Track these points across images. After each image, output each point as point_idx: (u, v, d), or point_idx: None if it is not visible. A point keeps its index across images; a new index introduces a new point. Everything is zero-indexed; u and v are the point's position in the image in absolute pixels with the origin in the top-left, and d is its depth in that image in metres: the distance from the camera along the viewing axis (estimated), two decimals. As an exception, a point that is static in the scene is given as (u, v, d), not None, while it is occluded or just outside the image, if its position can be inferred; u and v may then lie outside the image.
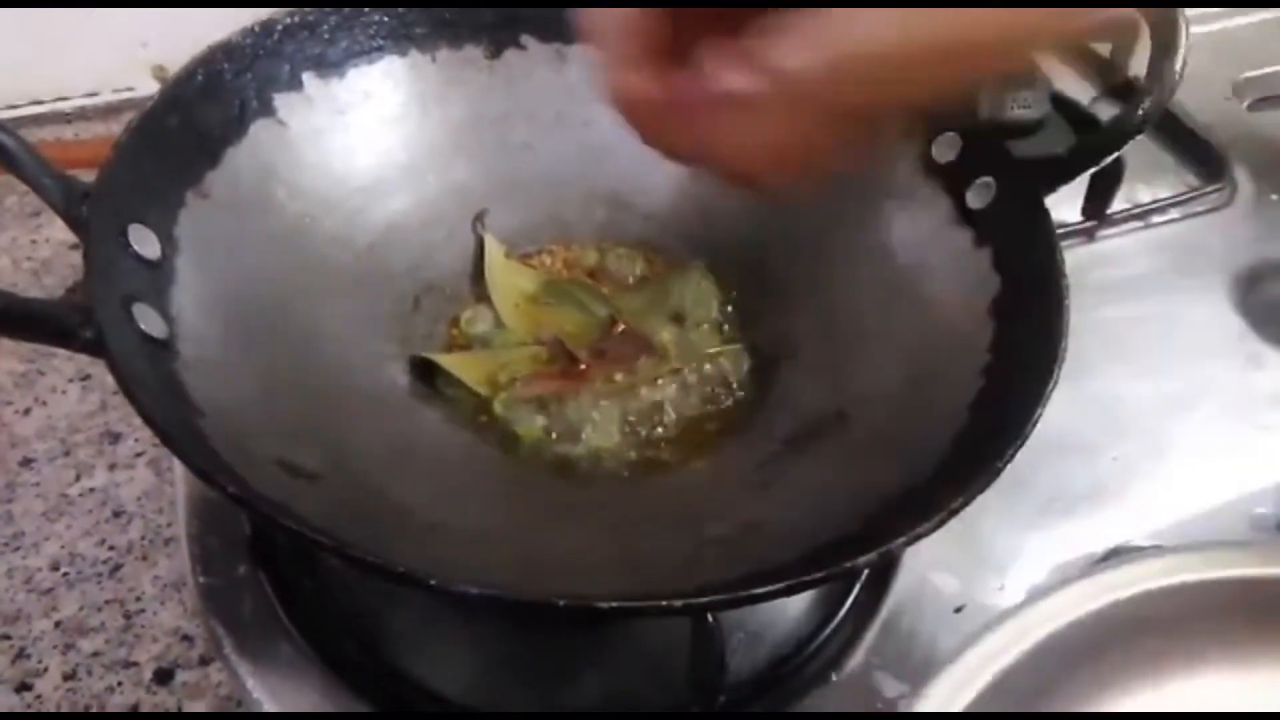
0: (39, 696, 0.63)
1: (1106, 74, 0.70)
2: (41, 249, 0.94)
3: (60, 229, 0.94)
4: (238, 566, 0.41)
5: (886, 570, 0.42)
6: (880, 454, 0.39)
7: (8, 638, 0.66)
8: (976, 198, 0.43)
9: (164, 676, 0.64)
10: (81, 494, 0.74)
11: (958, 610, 0.42)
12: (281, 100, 0.43)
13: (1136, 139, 0.40)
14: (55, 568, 0.70)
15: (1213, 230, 0.61)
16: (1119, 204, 0.59)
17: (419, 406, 0.42)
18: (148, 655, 0.65)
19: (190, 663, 0.64)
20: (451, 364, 0.43)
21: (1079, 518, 0.46)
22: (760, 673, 0.40)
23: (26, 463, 0.76)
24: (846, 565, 0.29)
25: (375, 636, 0.40)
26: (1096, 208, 0.59)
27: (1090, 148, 0.41)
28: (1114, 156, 0.41)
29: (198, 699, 0.63)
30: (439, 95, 0.48)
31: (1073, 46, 0.71)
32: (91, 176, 0.34)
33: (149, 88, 0.35)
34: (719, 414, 0.44)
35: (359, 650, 0.39)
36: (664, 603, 0.28)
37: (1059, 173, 0.41)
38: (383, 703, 0.38)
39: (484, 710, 0.38)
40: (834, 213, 0.47)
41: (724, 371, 0.46)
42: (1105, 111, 0.65)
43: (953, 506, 0.30)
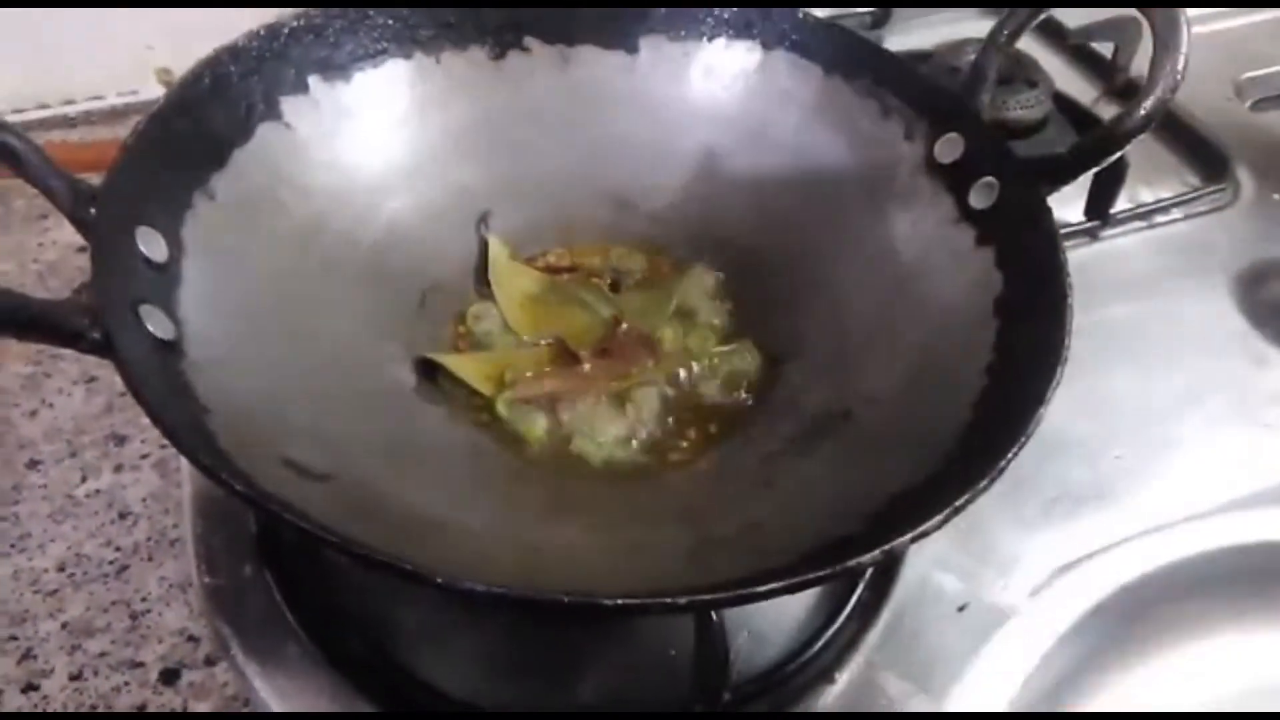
0: (45, 697, 0.63)
1: (1108, 74, 0.70)
2: (48, 251, 0.94)
3: (67, 232, 0.95)
4: (243, 567, 0.41)
5: (890, 569, 0.42)
6: (884, 453, 0.39)
7: (14, 639, 0.66)
8: (979, 197, 0.43)
9: (170, 676, 0.64)
10: (88, 495, 0.74)
11: (961, 609, 0.42)
12: (288, 103, 0.43)
13: (1139, 139, 0.40)
14: (61, 569, 0.70)
15: (1215, 230, 0.61)
16: (1121, 204, 0.59)
17: (424, 406, 0.42)
18: (154, 655, 0.65)
19: (196, 663, 0.65)
20: (455, 364, 0.44)
21: (1082, 517, 0.46)
22: (764, 671, 0.40)
23: (33, 464, 0.76)
24: (850, 563, 0.29)
25: (381, 636, 0.40)
26: (1099, 207, 0.59)
27: (1093, 147, 0.41)
28: (1116, 156, 0.40)
29: (204, 699, 0.63)
30: (443, 97, 0.48)
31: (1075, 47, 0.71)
32: (97, 179, 0.35)
33: (154, 91, 0.35)
34: (723, 413, 0.45)
35: (365, 649, 0.39)
36: (668, 600, 0.28)
37: (1061, 172, 0.41)
38: (389, 702, 0.38)
39: (489, 709, 0.38)
40: (838, 213, 0.47)
41: (728, 371, 0.46)
42: (1107, 112, 0.65)
43: (956, 505, 0.30)
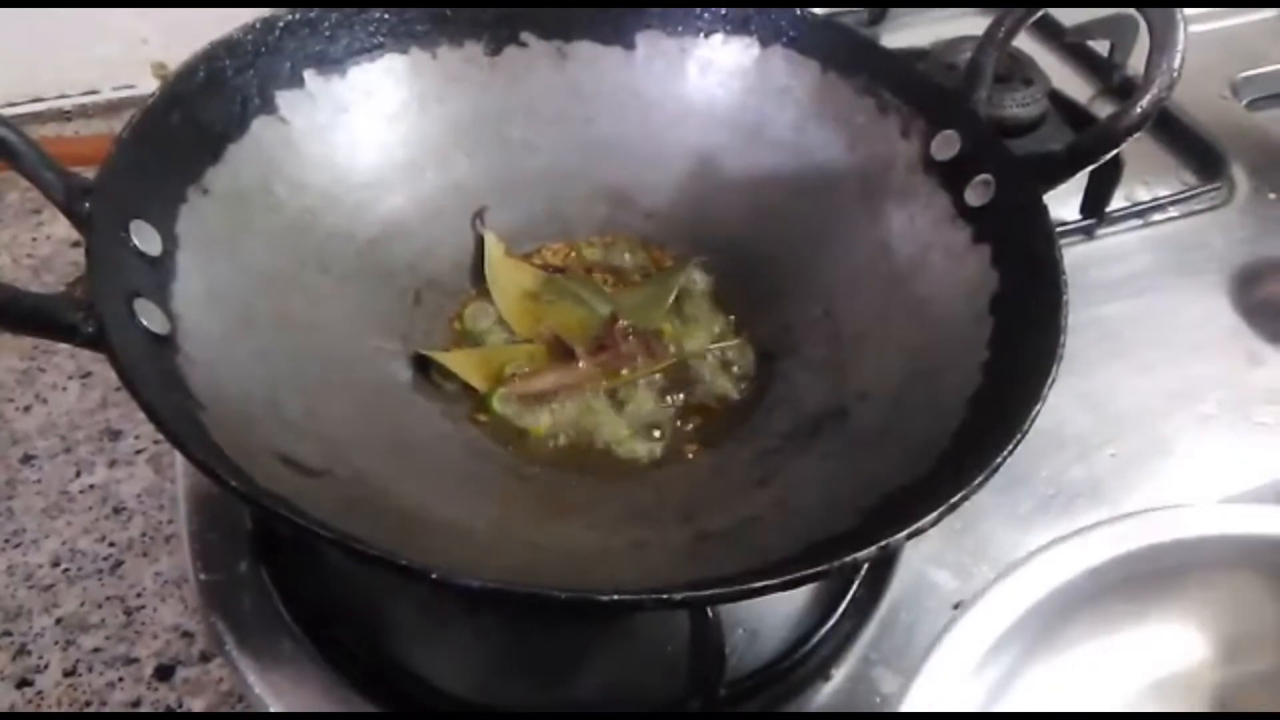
0: (40, 693, 0.63)
1: (1105, 72, 0.70)
2: (42, 246, 0.94)
3: (61, 226, 0.94)
4: (238, 563, 0.41)
5: (885, 566, 0.43)
6: (880, 449, 0.39)
7: (9, 634, 0.66)
8: (975, 195, 0.43)
9: (165, 673, 0.64)
10: (82, 490, 0.74)
11: (956, 606, 0.42)
12: (283, 97, 0.43)
13: (1135, 137, 0.40)
14: (56, 564, 0.70)
15: (1211, 228, 0.61)
16: (1117, 202, 0.60)
17: (420, 402, 0.42)
18: (148, 651, 0.65)
19: (191, 659, 0.64)
20: (450, 360, 0.44)
21: (1077, 514, 0.46)
22: (760, 667, 0.40)
23: (27, 459, 0.76)
24: (846, 559, 0.29)
25: (376, 631, 0.40)
26: (1095, 206, 0.59)
27: (1089, 145, 0.41)
28: (1113, 154, 0.40)
29: (198, 695, 0.63)
30: (439, 92, 0.48)
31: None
32: (92, 173, 0.34)
33: (149, 85, 0.35)
34: (719, 409, 0.45)
35: (360, 645, 0.39)
36: (663, 596, 0.28)
37: (1058, 169, 0.41)
38: (384, 698, 0.38)
39: (485, 706, 0.38)
40: (834, 210, 0.47)
41: (724, 367, 0.46)
42: (1104, 110, 0.65)
43: (952, 501, 0.30)
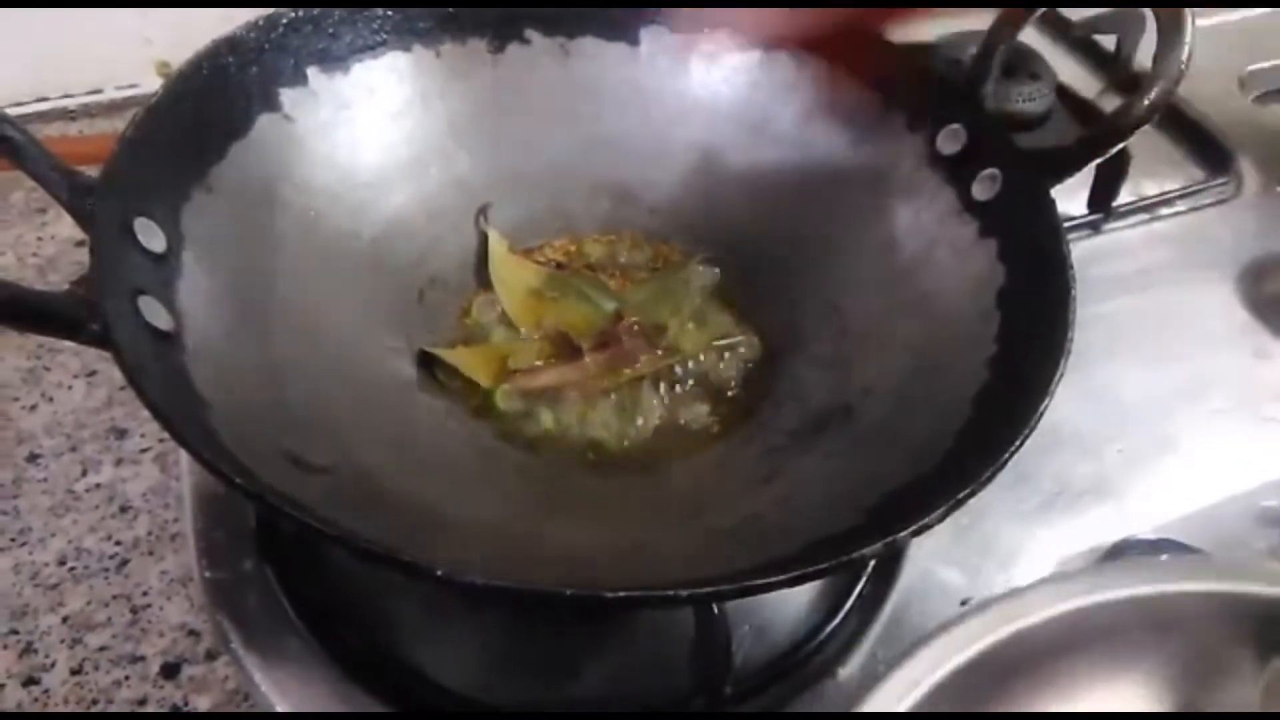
0: (46, 691, 0.63)
1: (1112, 67, 0.70)
2: (47, 246, 0.94)
3: (66, 225, 0.94)
4: (244, 561, 0.41)
5: (891, 564, 0.42)
6: (886, 446, 0.38)
7: (15, 633, 0.66)
8: (982, 189, 0.43)
9: (171, 671, 0.64)
10: (88, 489, 0.74)
11: (963, 604, 0.42)
12: (286, 95, 0.43)
13: (1142, 132, 0.40)
14: (62, 563, 0.70)
15: (1218, 223, 0.60)
16: (1124, 197, 0.59)
17: (425, 399, 0.42)
18: (154, 650, 0.65)
19: (197, 657, 0.64)
20: (454, 357, 0.44)
21: (1084, 511, 0.46)
22: (766, 665, 0.40)
23: (33, 458, 0.76)
24: (852, 556, 0.29)
25: (381, 630, 0.40)
26: (1102, 200, 0.59)
27: (1097, 138, 0.40)
28: (1120, 147, 0.40)
29: (204, 693, 0.63)
30: (443, 89, 0.48)
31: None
32: (96, 172, 0.34)
33: (153, 84, 0.35)
34: (724, 407, 0.44)
35: (365, 644, 0.39)
36: (669, 593, 0.28)
37: (1065, 164, 0.41)
38: (389, 696, 0.38)
39: (491, 704, 0.38)
40: (839, 205, 0.47)
41: (729, 363, 0.46)
42: (1110, 105, 0.65)
43: (958, 498, 0.30)
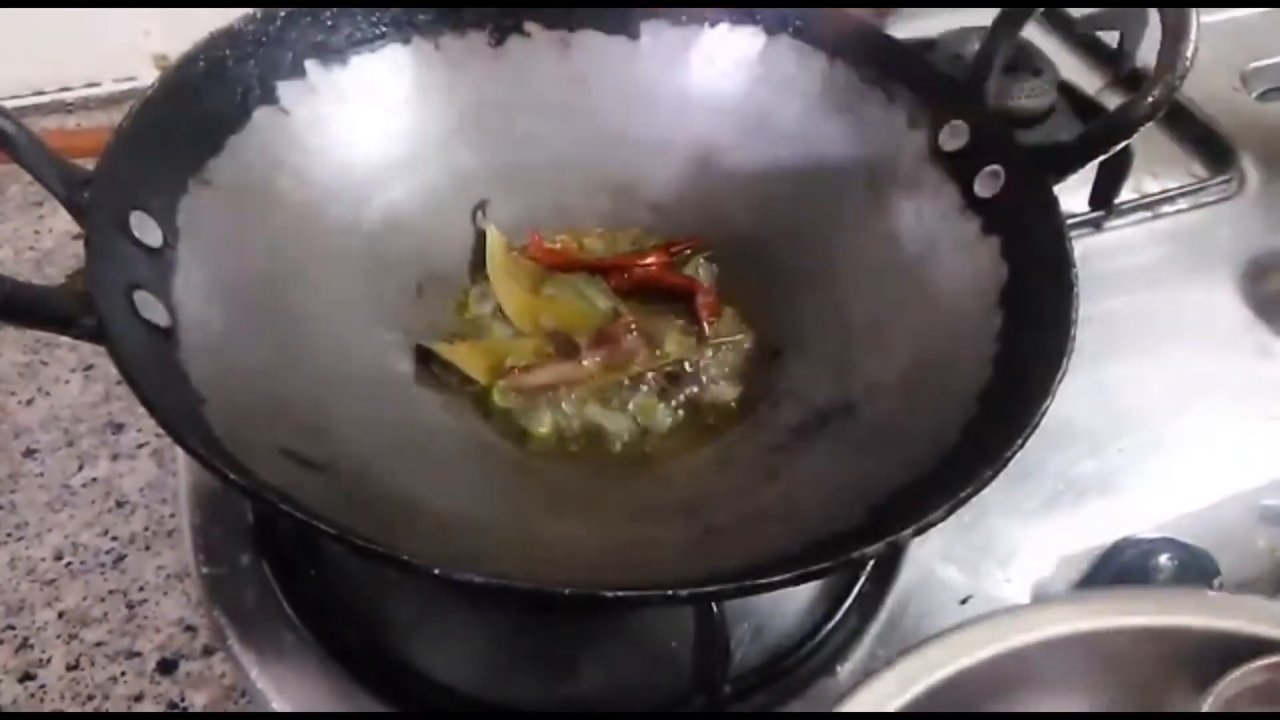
0: (43, 686, 0.63)
1: (1114, 63, 0.70)
2: (44, 239, 0.94)
3: (63, 219, 0.94)
4: (240, 557, 0.41)
5: (892, 562, 0.42)
6: (887, 444, 0.38)
7: (11, 628, 0.66)
8: (984, 186, 0.42)
9: (167, 666, 0.64)
10: (84, 484, 0.74)
11: (963, 602, 0.42)
12: (284, 88, 0.43)
13: (1144, 129, 0.39)
14: (58, 558, 0.70)
15: (1220, 221, 0.60)
16: (1126, 194, 0.59)
17: (422, 395, 0.42)
18: (151, 645, 0.65)
19: (194, 653, 0.64)
20: (452, 354, 0.43)
21: (1085, 509, 0.45)
22: (765, 663, 0.39)
23: (30, 453, 0.76)
24: (853, 555, 0.29)
25: (378, 626, 0.40)
26: (1104, 198, 0.58)
27: (1100, 135, 0.40)
28: (1124, 144, 0.40)
29: (201, 689, 0.63)
30: (442, 83, 0.47)
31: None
32: (93, 166, 0.34)
33: (151, 77, 0.35)
34: (724, 404, 0.44)
35: (362, 640, 0.39)
36: (669, 592, 0.28)
37: (1068, 160, 0.41)
38: (385, 693, 0.38)
39: (487, 701, 0.38)
40: (840, 202, 0.47)
41: (728, 362, 0.45)
42: (1113, 101, 0.65)
43: (960, 496, 0.30)
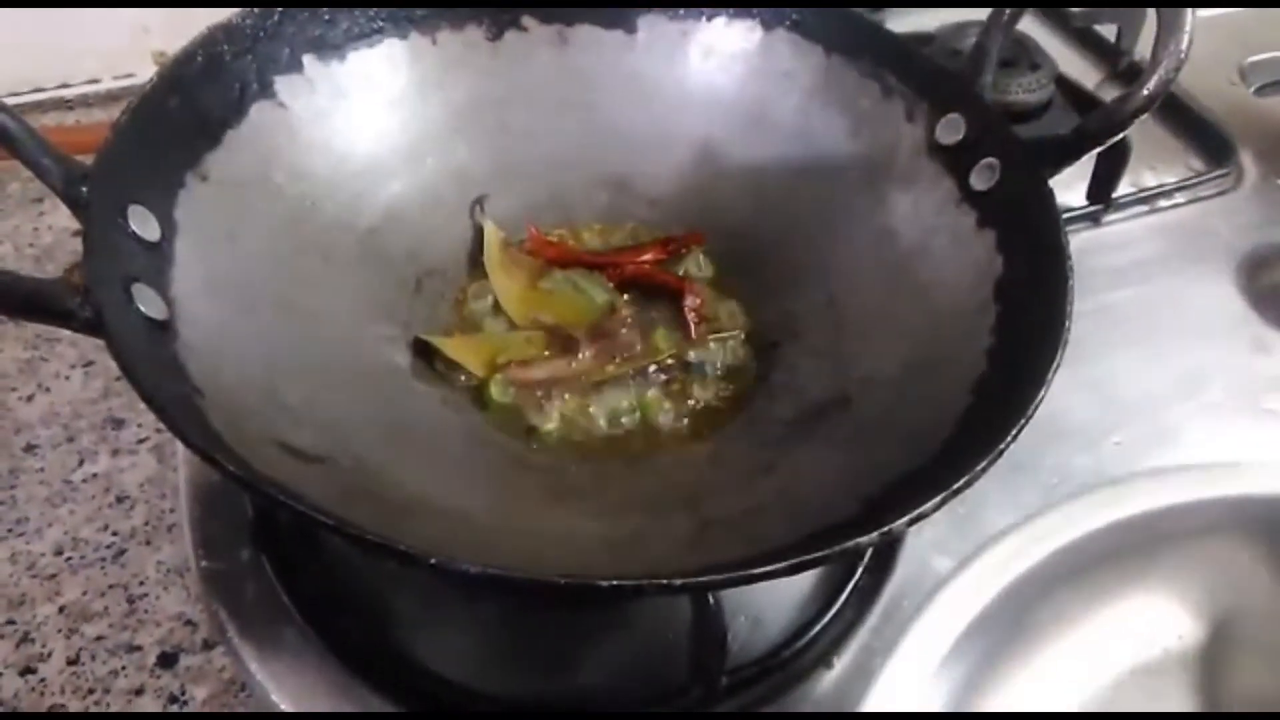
0: (43, 680, 0.63)
1: (1112, 57, 0.70)
2: (44, 235, 0.94)
3: (63, 215, 0.94)
4: (240, 551, 0.41)
5: (888, 554, 0.42)
6: (883, 436, 0.38)
7: (12, 622, 0.66)
8: (980, 179, 0.42)
9: (168, 660, 0.64)
10: (85, 479, 0.74)
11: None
12: (282, 82, 0.43)
13: (1142, 123, 0.39)
14: (59, 553, 0.70)
15: (1218, 215, 0.60)
16: (1124, 188, 0.59)
17: (420, 389, 0.42)
18: (151, 639, 0.65)
19: (194, 647, 0.64)
20: (450, 347, 0.43)
21: (1081, 502, 0.45)
22: (761, 655, 0.39)
23: (30, 448, 0.76)
24: (847, 545, 0.29)
25: (378, 619, 0.40)
26: (1101, 192, 0.58)
27: (1096, 127, 0.40)
28: (1120, 136, 0.40)
29: (201, 683, 0.63)
30: (439, 78, 0.47)
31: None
32: (93, 160, 0.34)
33: (150, 74, 0.35)
34: (721, 397, 0.44)
35: (362, 633, 0.39)
36: (663, 582, 0.28)
37: (1064, 153, 0.41)
38: (386, 687, 0.38)
39: (487, 694, 0.38)
40: (837, 195, 0.47)
41: (726, 354, 0.45)
42: (1110, 95, 0.65)
43: (955, 487, 0.30)
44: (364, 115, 0.45)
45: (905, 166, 0.45)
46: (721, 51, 0.49)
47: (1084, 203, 0.59)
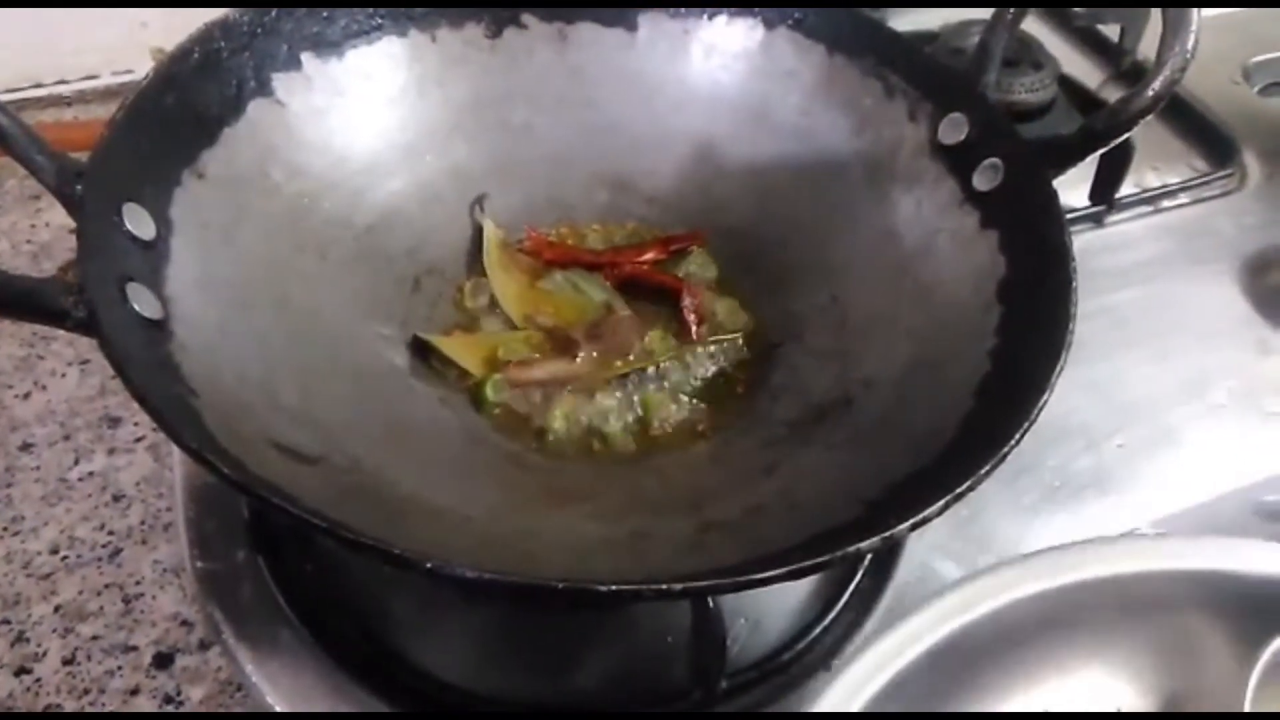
0: (38, 680, 0.63)
1: (1115, 57, 0.69)
2: (41, 233, 0.93)
3: (61, 213, 0.93)
4: (236, 551, 0.41)
5: (889, 557, 0.42)
6: (885, 438, 0.38)
7: (7, 622, 0.66)
8: (984, 179, 0.42)
9: (163, 661, 0.64)
10: (81, 478, 0.74)
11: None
12: (280, 80, 0.42)
13: (1145, 123, 0.39)
14: (55, 552, 0.69)
15: (1222, 215, 0.60)
16: (1127, 189, 0.59)
17: (418, 388, 0.42)
18: (147, 640, 0.65)
19: (190, 647, 0.64)
20: (447, 346, 0.43)
21: (1084, 504, 0.45)
22: (761, 658, 0.39)
23: (26, 447, 0.76)
24: (850, 550, 0.29)
25: (373, 621, 0.40)
26: (1105, 192, 0.58)
27: (1100, 128, 0.40)
28: (1124, 137, 0.40)
29: (197, 683, 0.63)
30: (439, 75, 0.47)
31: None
32: (88, 158, 0.34)
33: (149, 70, 0.34)
34: (722, 398, 0.44)
35: (357, 635, 0.39)
36: (664, 586, 0.27)
37: (1068, 153, 0.40)
38: (381, 688, 0.38)
39: (482, 695, 0.38)
40: (839, 195, 0.46)
41: (726, 354, 0.45)
42: (1114, 95, 0.64)
43: (958, 491, 0.30)
44: (362, 113, 0.45)
45: (908, 166, 0.45)
46: (723, 50, 0.49)
47: (1086, 203, 0.59)
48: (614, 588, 0.27)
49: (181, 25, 0.42)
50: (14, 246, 0.91)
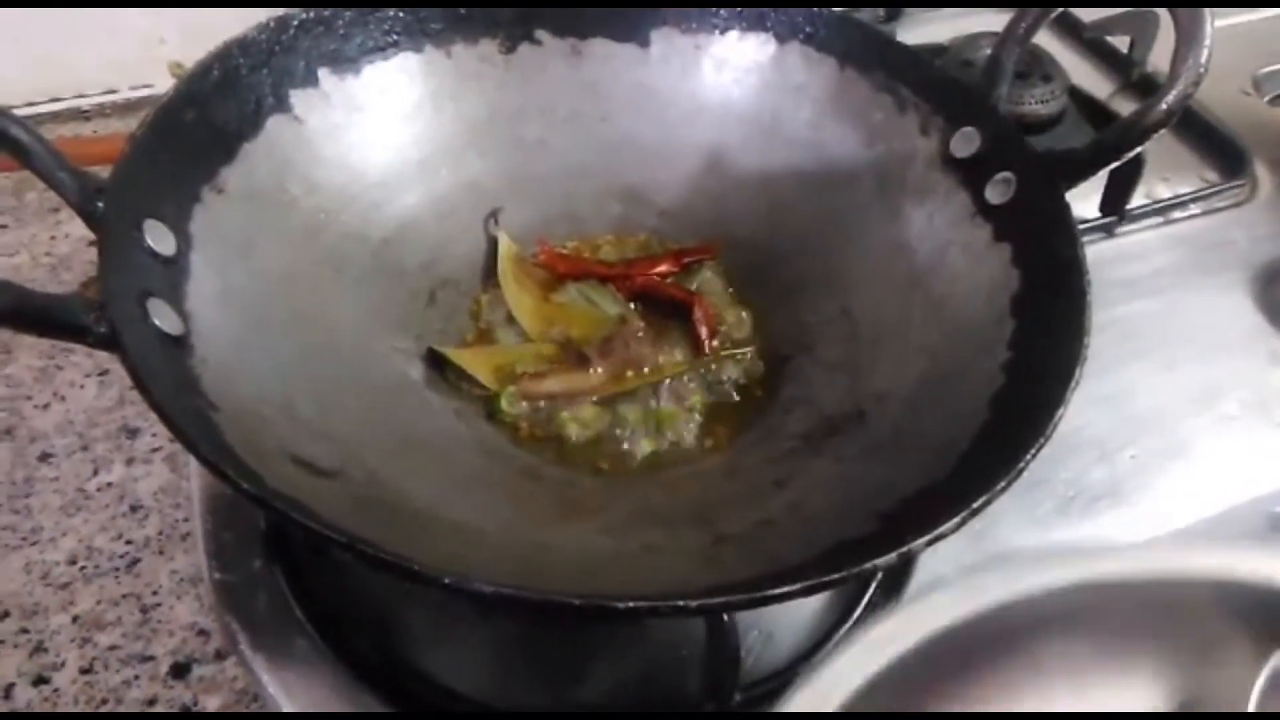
0: (56, 690, 0.63)
1: (1125, 69, 0.69)
2: (60, 245, 0.94)
3: (80, 225, 0.94)
4: (253, 562, 0.41)
5: (903, 569, 0.42)
6: (898, 452, 0.38)
7: (26, 631, 0.66)
8: (996, 192, 0.42)
9: (180, 671, 0.64)
10: (99, 489, 0.74)
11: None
12: (297, 96, 0.43)
13: (1155, 134, 0.39)
14: (73, 562, 0.70)
15: (1233, 226, 0.60)
16: (1138, 199, 0.59)
17: (433, 401, 0.42)
18: (164, 649, 0.65)
19: (206, 657, 0.64)
20: (462, 359, 0.43)
21: (1097, 517, 0.45)
22: (775, 671, 0.39)
23: (45, 457, 0.76)
24: (865, 566, 0.29)
25: (389, 632, 0.40)
26: (1115, 203, 0.58)
27: (1113, 142, 0.40)
28: (1136, 151, 0.40)
29: (213, 694, 0.63)
30: (454, 91, 0.47)
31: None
32: (108, 173, 0.34)
33: (167, 85, 0.35)
34: (734, 411, 0.44)
35: (373, 646, 0.39)
36: (679, 603, 0.28)
37: (1080, 167, 0.40)
38: (396, 699, 0.38)
39: (497, 707, 0.38)
40: (851, 208, 0.47)
41: (738, 367, 0.45)
42: (1124, 107, 0.64)
43: (974, 506, 0.30)
44: (378, 128, 0.46)
45: (920, 179, 0.45)
46: (735, 64, 0.49)
47: (1097, 214, 0.58)
48: (631, 604, 0.27)
49: (199, 40, 0.42)
50: (34, 259, 0.92)
